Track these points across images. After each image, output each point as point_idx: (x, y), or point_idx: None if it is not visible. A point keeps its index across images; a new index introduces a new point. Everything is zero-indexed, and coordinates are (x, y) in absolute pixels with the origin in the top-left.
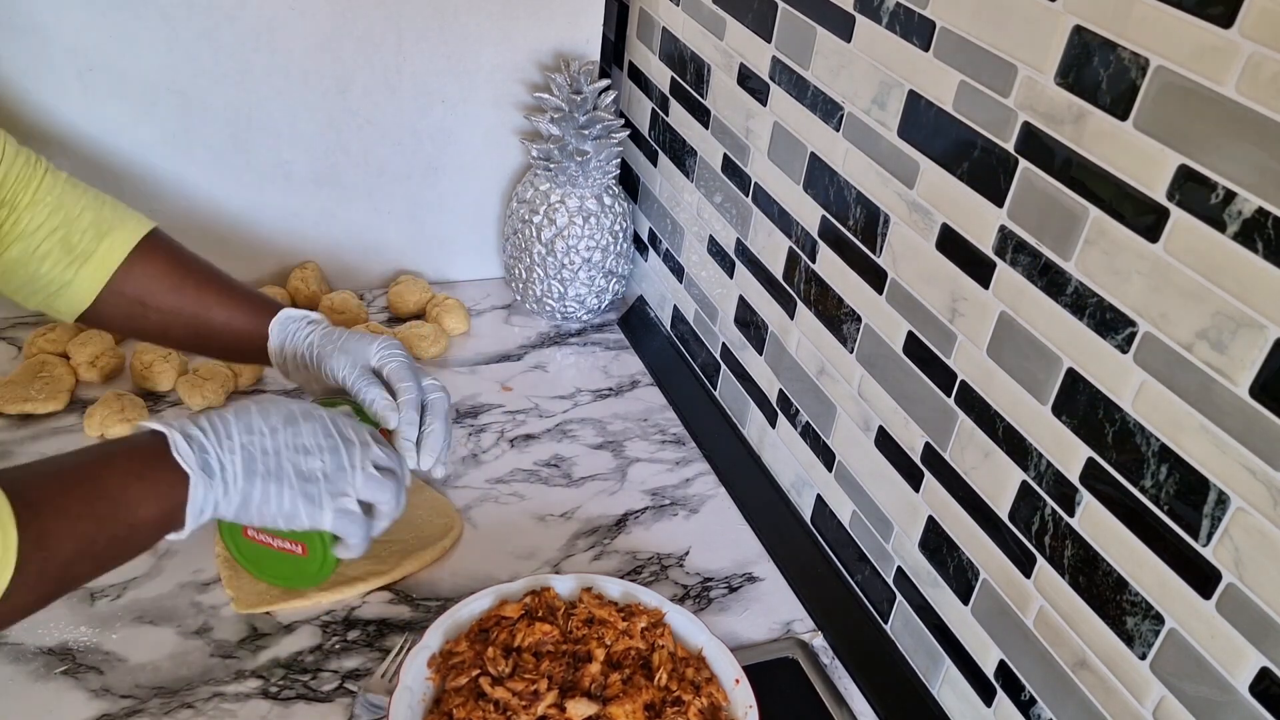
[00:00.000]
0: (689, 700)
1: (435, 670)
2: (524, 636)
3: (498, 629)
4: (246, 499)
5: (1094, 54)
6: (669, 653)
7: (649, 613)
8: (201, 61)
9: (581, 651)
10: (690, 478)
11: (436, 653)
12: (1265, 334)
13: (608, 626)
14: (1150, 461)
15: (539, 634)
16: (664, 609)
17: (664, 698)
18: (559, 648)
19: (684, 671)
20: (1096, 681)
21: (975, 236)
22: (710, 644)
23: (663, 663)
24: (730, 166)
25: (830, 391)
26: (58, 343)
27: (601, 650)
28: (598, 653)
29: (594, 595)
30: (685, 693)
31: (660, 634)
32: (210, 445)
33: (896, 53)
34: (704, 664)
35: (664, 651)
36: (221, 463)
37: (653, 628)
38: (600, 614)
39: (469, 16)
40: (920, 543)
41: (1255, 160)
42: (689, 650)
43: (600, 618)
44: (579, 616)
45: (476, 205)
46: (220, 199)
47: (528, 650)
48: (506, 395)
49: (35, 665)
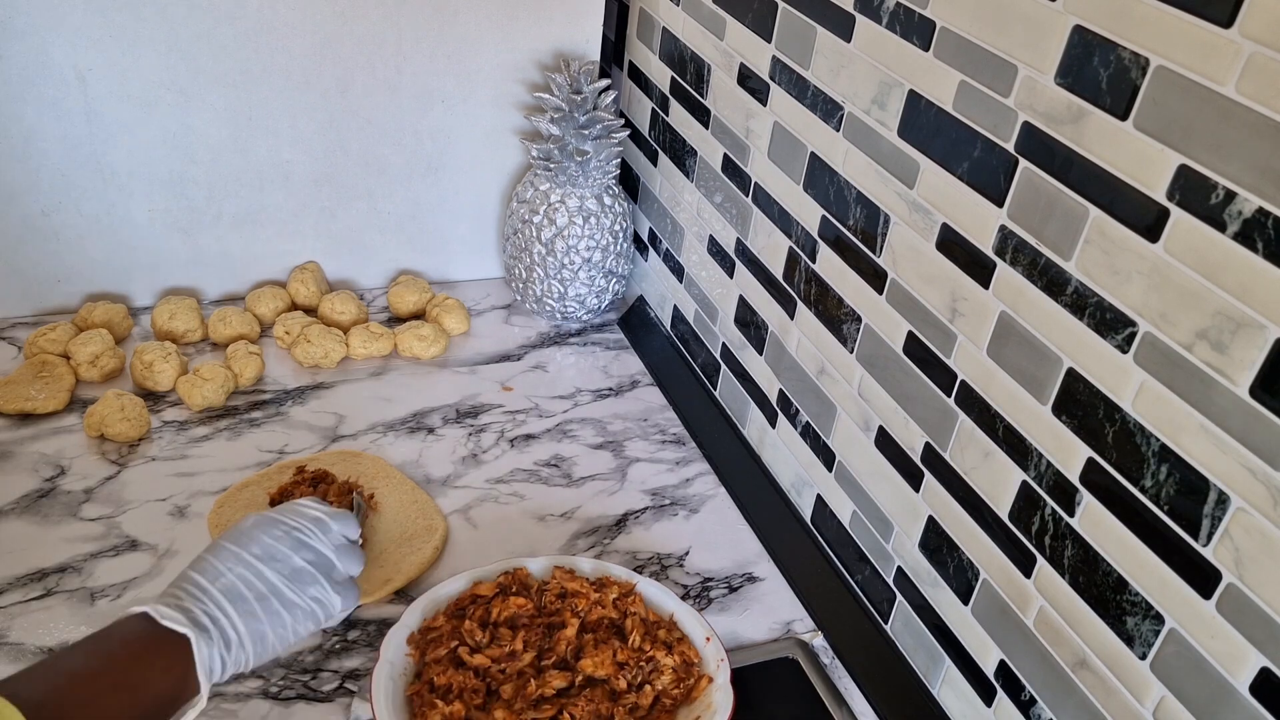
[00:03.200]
0: (661, 658)
1: (415, 646)
2: (499, 611)
3: (474, 606)
4: (258, 637)
5: (1094, 54)
6: (640, 618)
7: (620, 584)
8: (201, 61)
9: (556, 622)
10: (690, 478)
11: (415, 630)
12: (1265, 334)
13: (580, 597)
14: (1150, 461)
15: (514, 608)
16: (634, 580)
17: (637, 658)
18: (534, 620)
19: (655, 634)
20: (1096, 681)
21: (975, 236)
22: (680, 609)
23: (634, 627)
24: (730, 166)
25: (830, 391)
26: (58, 342)
27: (575, 619)
28: (571, 621)
29: (565, 571)
30: (658, 651)
31: (631, 602)
32: (193, 604)
33: (896, 53)
34: (675, 626)
35: (635, 618)
36: (211, 615)
37: (624, 597)
38: (572, 586)
39: (469, 16)
40: (920, 543)
41: (1255, 160)
42: (660, 616)
43: (573, 590)
44: (552, 591)
45: (476, 205)
46: (220, 199)
47: (503, 624)
48: (506, 395)
49: None
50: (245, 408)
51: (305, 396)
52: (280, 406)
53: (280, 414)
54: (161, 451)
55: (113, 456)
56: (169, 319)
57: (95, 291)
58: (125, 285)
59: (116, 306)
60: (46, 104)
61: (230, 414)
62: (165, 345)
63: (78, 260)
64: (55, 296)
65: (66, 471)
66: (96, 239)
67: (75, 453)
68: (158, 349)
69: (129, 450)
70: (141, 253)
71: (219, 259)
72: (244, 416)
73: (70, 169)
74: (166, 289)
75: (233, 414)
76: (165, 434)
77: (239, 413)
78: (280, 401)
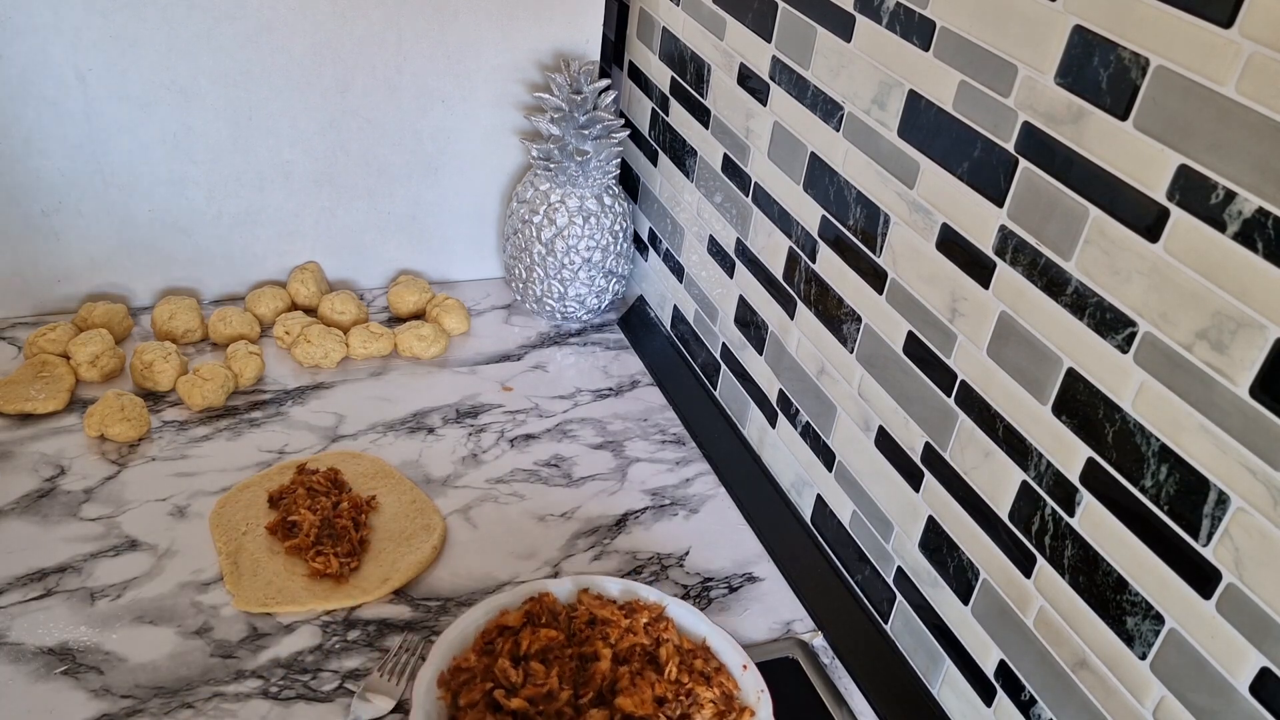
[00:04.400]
0: (701, 691)
1: (445, 688)
2: (529, 644)
3: (502, 639)
4: None
5: (1094, 54)
6: (674, 645)
7: (649, 608)
8: (201, 61)
9: (588, 652)
10: (690, 478)
11: (444, 670)
12: (1265, 334)
13: (611, 625)
14: (1150, 461)
15: (544, 639)
16: (664, 602)
17: (676, 691)
18: (564, 651)
19: (692, 663)
20: (1096, 681)
21: (975, 236)
22: (713, 633)
23: (670, 656)
24: (730, 166)
25: (830, 391)
26: (58, 342)
27: (607, 649)
28: (604, 651)
29: (593, 596)
30: (697, 684)
31: (664, 628)
32: None
33: (896, 53)
34: (710, 654)
35: (669, 645)
36: None
37: (655, 622)
38: (602, 614)
39: (469, 17)
40: (920, 543)
41: (1255, 160)
42: (693, 641)
43: (602, 617)
44: (580, 618)
45: (476, 205)
46: (220, 199)
47: (534, 657)
48: (506, 395)
49: (35, 665)
50: (245, 408)
51: (305, 396)
52: (280, 406)
53: (280, 414)
54: (161, 451)
55: (113, 456)
56: (169, 319)
57: (95, 291)
58: (125, 285)
59: (116, 306)
60: (46, 104)
61: (230, 414)
62: (165, 345)
63: (78, 260)
64: (55, 296)
65: (66, 471)
66: (96, 239)
67: (75, 453)
68: (158, 349)
69: (129, 450)
70: (141, 253)
71: (219, 259)
72: (244, 416)
73: (70, 169)
74: (166, 289)
75: (233, 414)
76: (165, 434)
77: (239, 413)
78: (280, 401)
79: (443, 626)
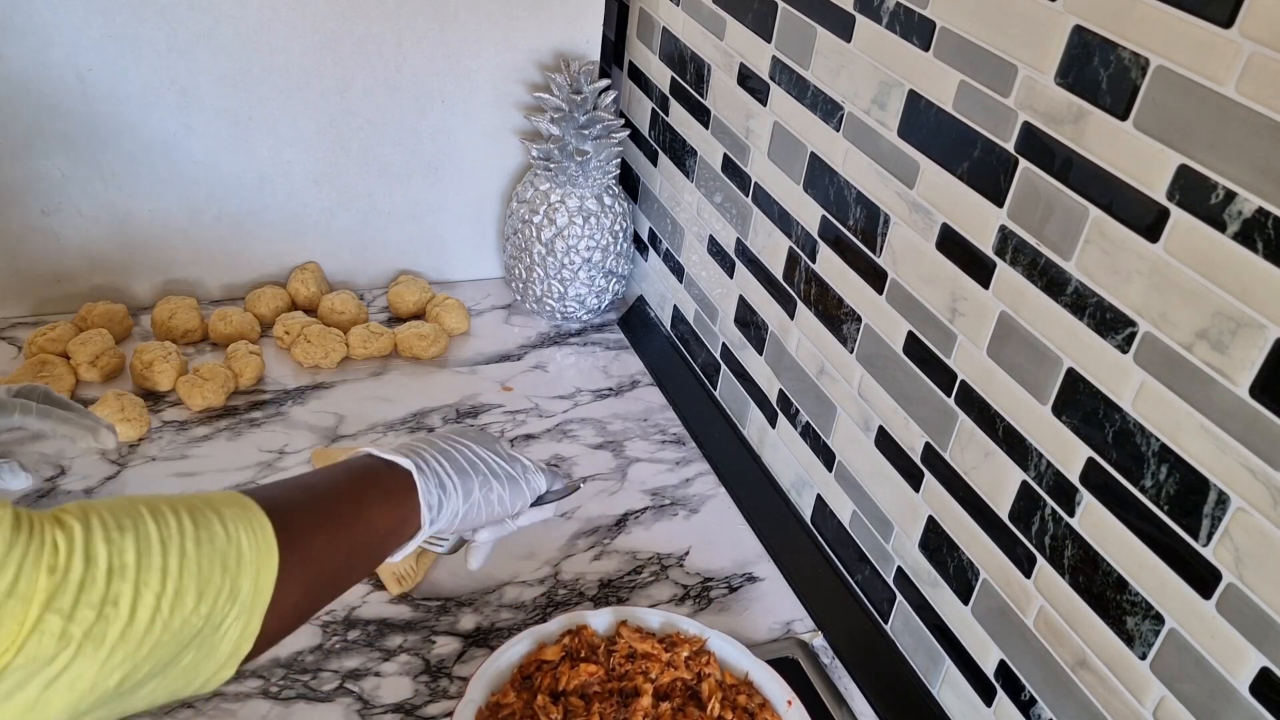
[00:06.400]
0: None
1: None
2: (568, 679)
3: (540, 674)
4: (467, 491)
5: (1094, 54)
6: (717, 680)
7: (690, 641)
8: (201, 61)
9: (628, 688)
10: (690, 478)
11: (483, 705)
12: (1265, 334)
13: (651, 660)
14: (1150, 461)
15: (584, 675)
16: (705, 635)
17: None
18: (605, 686)
19: (735, 699)
20: (1097, 681)
21: (975, 236)
22: (756, 667)
23: (713, 691)
24: (730, 166)
25: (830, 391)
26: (58, 342)
27: (648, 685)
28: (645, 687)
29: (632, 629)
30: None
31: (705, 662)
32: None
33: (896, 53)
34: (753, 689)
35: (712, 680)
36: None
37: (696, 656)
38: (642, 648)
39: (469, 17)
40: (920, 543)
41: (1255, 160)
42: (735, 676)
43: (643, 651)
44: (620, 652)
45: (476, 205)
46: (220, 199)
47: (574, 694)
48: (506, 395)
49: None
50: (245, 408)
51: (305, 396)
52: (280, 406)
53: (280, 414)
54: (161, 451)
55: (113, 456)
56: (169, 319)
57: (95, 291)
58: (125, 285)
59: (116, 306)
60: (46, 104)
61: (230, 414)
62: (165, 345)
63: (78, 260)
64: (55, 296)
65: (66, 471)
66: (96, 239)
67: (75, 453)
68: (158, 349)
69: (129, 450)
70: (141, 253)
71: (219, 259)
72: (244, 416)
73: (70, 169)
74: (166, 289)
75: (233, 414)
76: (165, 434)
77: (239, 413)
78: (280, 401)
79: (443, 627)
